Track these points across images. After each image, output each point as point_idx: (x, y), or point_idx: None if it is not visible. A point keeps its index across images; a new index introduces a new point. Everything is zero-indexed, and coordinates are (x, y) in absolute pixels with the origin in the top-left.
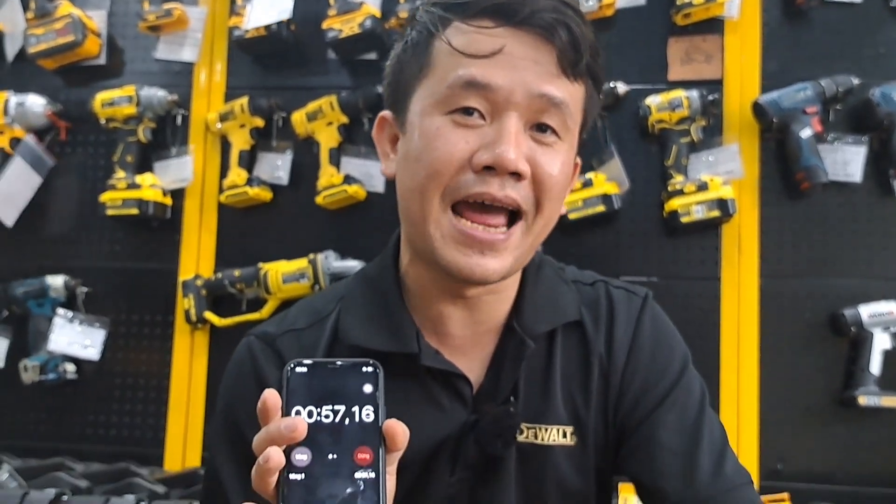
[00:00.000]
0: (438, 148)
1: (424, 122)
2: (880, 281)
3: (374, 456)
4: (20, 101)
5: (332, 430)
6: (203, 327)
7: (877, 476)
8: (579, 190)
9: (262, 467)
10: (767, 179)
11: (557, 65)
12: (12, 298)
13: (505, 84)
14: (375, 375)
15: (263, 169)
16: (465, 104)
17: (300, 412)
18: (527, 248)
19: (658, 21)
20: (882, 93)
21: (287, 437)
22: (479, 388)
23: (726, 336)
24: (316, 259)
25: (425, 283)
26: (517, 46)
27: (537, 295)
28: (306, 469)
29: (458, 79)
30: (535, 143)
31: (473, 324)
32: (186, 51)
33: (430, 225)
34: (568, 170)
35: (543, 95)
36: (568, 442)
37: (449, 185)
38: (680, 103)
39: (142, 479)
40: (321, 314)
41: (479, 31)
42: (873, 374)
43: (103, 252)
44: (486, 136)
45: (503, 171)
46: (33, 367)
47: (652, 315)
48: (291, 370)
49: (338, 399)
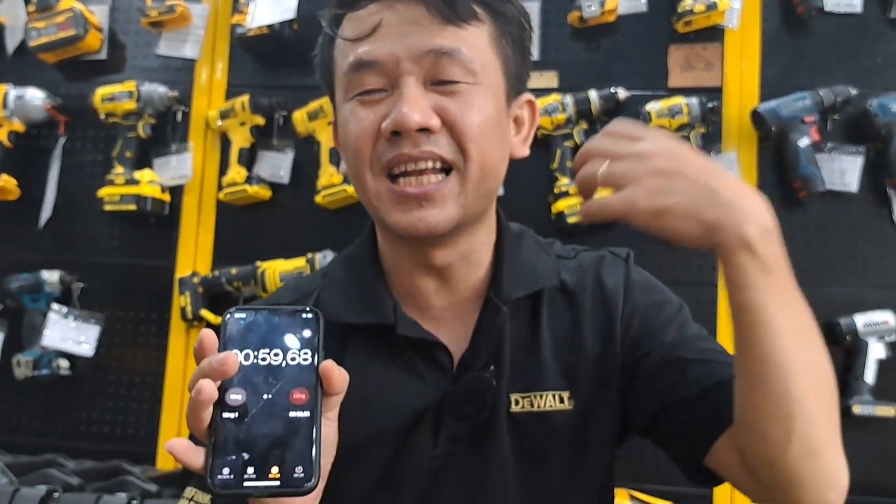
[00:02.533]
0: (353, 129)
1: (341, 114)
2: (876, 290)
3: (310, 396)
4: (20, 94)
5: (267, 372)
6: (199, 325)
7: (870, 485)
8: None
9: (193, 400)
10: (765, 187)
11: (435, 18)
12: (7, 292)
13: (388, 54)
14: (316, 321)
15: (264, 167)
16: (364, 86)
17: (237, 354)
18: (471, 197)
19: (659, 28)
20: (880, 103)
21: (218, 370)
22: (461, 359)
23: (723, 342)
24: (314, 258)
25: (398, 258)
26: (393, 16)
27: (515, 263)
28: (239, 408)
29: (350, 65)
30: (442, 96)
31: (451, 294)
32: (188, 47)
33: (373, 198)
34: (490, 112)
35: (430, 51)
36: (566, 406)
37: (372, 159)
38: (679, 110)
39: (134, 478)
40: (305, 291)
41: (360, 15)
42: (867, 383)
43: (100, 247)
44: (390, 104)
45: (409, 131)
46: (26, 362)
47: (638, 269)
48: (230, 316)
49: (276, 344)
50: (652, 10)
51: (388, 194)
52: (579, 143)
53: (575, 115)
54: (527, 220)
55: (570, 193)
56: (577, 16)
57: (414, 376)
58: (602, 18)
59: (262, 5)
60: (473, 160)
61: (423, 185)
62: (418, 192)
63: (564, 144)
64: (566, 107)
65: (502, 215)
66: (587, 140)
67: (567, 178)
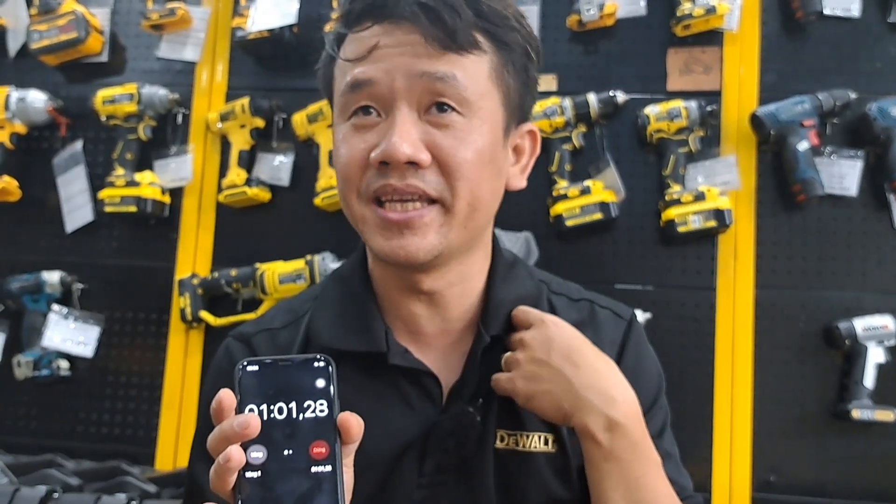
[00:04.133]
0: (343, 154)
1: (335, 134)
2: (875, 294)
3: (330, 450)
4: (21, 96)
5: (286, 427)
6: (198, 327)
7: (869, 490)
8: (577, 197)
9: (221, 466)
10: (764, 191)
11: (432, 44)
12: (7, 293)
13: (384, 75)
14: (327, 370)
15: (263, 170)
16: (356, 106)
17: (253, 410)
18: (455, 230)
19: (658, 32)
20: (879, 107)
21: (240, 433)
22: (451, 389)
23: (721, 346)
24: (313, 260)
25: (388, 281)
26: (390, 38)
27: (504, 293)
28: (262, 466)
29: (346, 85)
30: (434, 128)
31: (443, 322)
32: (189, 50)
33: (360, 223)
34: (483, 146)
35: (424, 73)
36: (549, 449)
37: (359, 187)
38: (678, 113)
39: (133, 478)
40: (297, 314)
41: (359, 36)
42: (867, 387)
43: (100, 249)
44: (381, 132)
45: (397, 163)
46: (27, 362)
47: (636, 339)
48: (243, 369)
49: (291, 395)
50: (651, 14)
51: (372, 219)
52: (578, 146)
53: (574, 118)
54: (525, 223)
55: (568, 196)
56: (576, 19)
57: (403, 405)
58: (601, 22)
59: (263, 9)
60: (461, 197)
61: (406, 213)
62: (400, 218)
63: (563, 148)
64: (565, 110)
65: (498, 243)
66: (586, 143)
67: (566, 181)
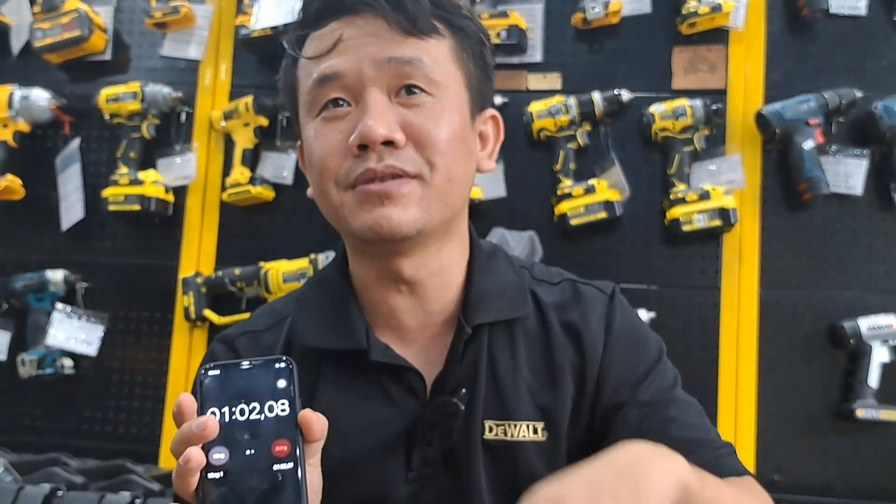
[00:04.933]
0: (318, 147)
1: (305, 133)
2: (880, 294)
3: (291, 447)
4: (25, 94)
5: (247, 427)
6: (202, 325)
7: (874, 489)
8: (581, 196)
9: (182, 468)
10: (769, 190)
11: (396, 30)
12: (12, 292)
13: (351, 65)
14: (289, 370)
15: (267, 168)
16: (326, 99)
17: (215, 413)
18: (434, 204)
19: (663, 30)
20: (885, 106)
21: (199, 435)
22: (434, 382)
23: (725, 345)
24: (317, 259)
25: (369, 277)
26: (353, 31)
27: (486, 284)
28: (224, 467)
29: (314, 81)
30: (406, 109)
31: (424, 314)
32: (192, 48)
33: (339, 210)
34: (455, 125)
35: (392, 59)
36: (539, 438)
37: (337, 176)
38: (683, 112)
39: (137, 477)
40: (280, 316)
41: (322, 31)
42: (871, 386)
43: (104, 248)
44: (355, 120)
45: (374, 144)
46: (31, 361)
47: (622, 308)
48: (204, 374)
49: (252, 397)
50: (656, 12)
51: (354, 199)
52: (582, 145)
53: (578, 116)
54: (530, 222)
55: (573, 195)
56: (581, 17)
57: (386, 401)
58: (606, 20)
59: (266, 6)
60: (439, 171)
61: (384, 184)
62: (379, 189)
63: (568, 146)
64: (569, 108)
65: (474, 233)
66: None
67: (570, 179)
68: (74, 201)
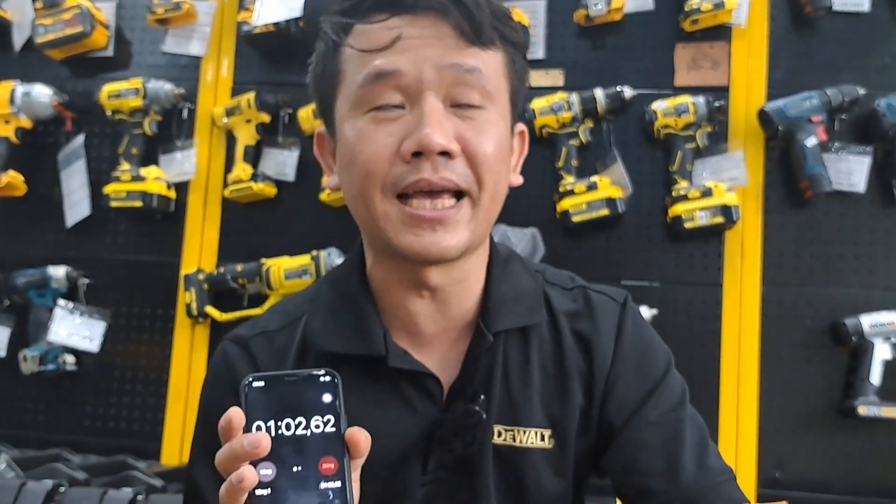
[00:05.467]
0: (365, 149)
1: (347, 127)
2: (882, 291)
3: (338, 465)
4: (27, 90)
5: (294, 443)
6: (204, 322)
7: (875, 486)
8: (584, 193)
9: (234, 487)
10: (771, 187)
11: (460, 37)
12: (13, 288)
13: (411, 66)
14: (334, 385)
15: (269, 165)
16: (381, 99)
17: (261, 427)
18: (480, 224)
19: (666, 27)
20: (888, 103)
21: (251, 453)
22: (451, 387)
23: (727, 342)
24: (319, 256)
25: (390, 280)
26: (415, 30)
27: (503, 289)
28: (272, 484)
29: (367, 76)
30: (460, 120)
31: (443, 320)
32: (194, 45)
33: (380, 221)
34: (502, 139)
35: (453, 65)
36: (546, 445)
37: (385, 181)
38: (686, 109)
39: (139, 473)
40: (293, 316)
41: (376, 26)
42: (873, 384)
43: (106, 244)
44: (408, 124)
45: (431, 153)
46: (33, 357)
47: (633, 319)
48: (248, 385)
49: (298, 411)
50: (659, 9)
51: (398, 216)
52: (584, 141)
53: (581, 113)
54: (532, 219)
55: (575, 192)
56: (584, 14)
57: (404, 406)
58: (608, 17)
59: (269, 3)
60: (487, 189)
61: (437, 210)
62: (433, 216)
63: (570, 143)
64: (572, 105)
65: (492, 239)
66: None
67: (572, 176)
68: (79, 198)
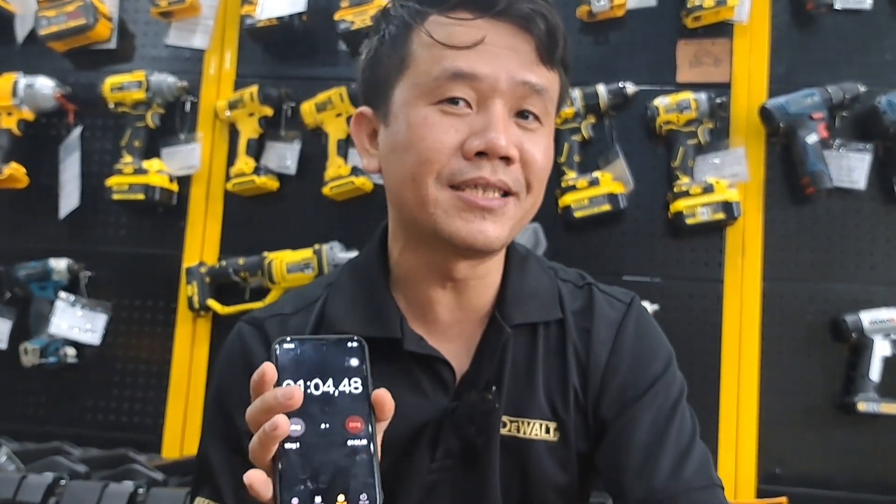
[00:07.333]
0: (427, 137)
1: (411, 113)
2: (882, 287)
3: (364, 424)
4: (29, 82)
5: (322, 402)
6: (205, 315)
7: (875, 483)
8: (585, 188)
9: (267, 435)
10: (772, 183)
11: (536, 53)
12: (15, 280)
13: (490, 73)
14: (361, 349)
15: (271, 158)
16: (452, 94)
17: (290, 384)
18: (517, 224)
19: (668, 23)
20: (888, 101)
21: (284, 404)
22: (463, 376)
23: (728, 338)
24: (321, 250)
25: (417, 269)
26: (497, 37)
27: (521, 285)
28: (300, 438)
29: (445, 70)
30: (520, 130)
31: (460, 310)
32: (197, 38)
33: (430, 206)
34: (550, 152)
35: (526, 83)
36: (550, 437)
37: (442, 172)
38: (688, 105)
39: (140, 466)
40: (308, 300)
41: (459, 23)
42: (873, 380)
43: (108, 236)
44: (474, 123)
45: (494, 156)
46: (34, 350)
47: (636, 318)
48: (280, 345)
49: (326, 373)
50: (661, 5)
51: (450, 201)
52: (587, 137)
53: (583, 109)
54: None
55: (577, 188)
56: (586, 10)
57: (416, 391)
58: (611, 13)
59: None
60: (533, 194)
61: (489, 199)
62: (486, 203)
63: (572, 138)
64: (574, 101)
65: None
66: (595, 135)
67: (574, 172)
68: (71, 189)
